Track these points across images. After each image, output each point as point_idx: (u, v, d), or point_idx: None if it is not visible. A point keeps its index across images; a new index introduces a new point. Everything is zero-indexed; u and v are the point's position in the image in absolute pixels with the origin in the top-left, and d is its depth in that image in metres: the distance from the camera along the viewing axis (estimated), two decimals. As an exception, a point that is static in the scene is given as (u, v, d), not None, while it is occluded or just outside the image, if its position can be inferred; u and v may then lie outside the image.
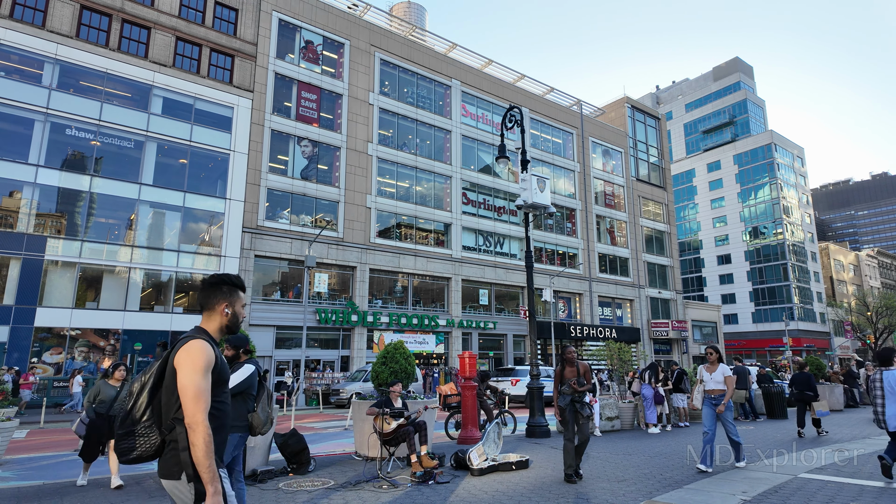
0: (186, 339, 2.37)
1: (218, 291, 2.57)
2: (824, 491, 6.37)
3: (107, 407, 7.08)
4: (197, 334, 2.42)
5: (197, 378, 2.27)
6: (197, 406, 2.23)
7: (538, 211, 12.72)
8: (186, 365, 2.28)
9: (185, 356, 2.30)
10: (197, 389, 2.25)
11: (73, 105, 22.87)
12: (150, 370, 2.35)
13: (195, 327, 2.50)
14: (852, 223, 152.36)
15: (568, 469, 7.00)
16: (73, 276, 22.21)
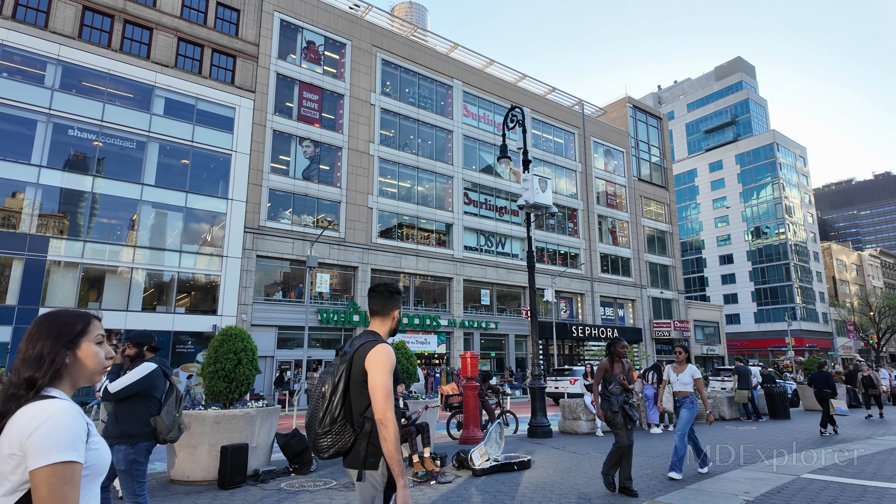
0: (371, 343, 2.59)
1: (392, 299, 2.83)
2: (827, 491, 6.36)
3: None
4: (378, 338, 2.66)
5: (386, 379, 2.49)
6: (387, 404, 2.45)
7: (540, 211, 12.71)
8: (377, 367, 2.51)
9: (375, 359, 2.52)
10: (386, 389, 2.47)
11: (76, 106, 22.92)
12: (337, 373, 2.57)
13: (369, 331, 2.76)
14: (855, 223, 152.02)
15: (626, 480, 6.23)
16: (76, 276, 22.26)
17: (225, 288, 25.33)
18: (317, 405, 2.57)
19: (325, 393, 2.55)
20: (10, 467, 1.34)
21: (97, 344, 1.59)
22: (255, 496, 6.37)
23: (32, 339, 1.52)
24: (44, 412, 1.38)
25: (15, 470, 1.34)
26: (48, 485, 1.30)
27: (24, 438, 1.34)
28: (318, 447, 2.52)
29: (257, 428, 7.43)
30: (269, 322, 26.49)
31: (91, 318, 1.63)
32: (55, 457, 1.33)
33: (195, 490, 6.69)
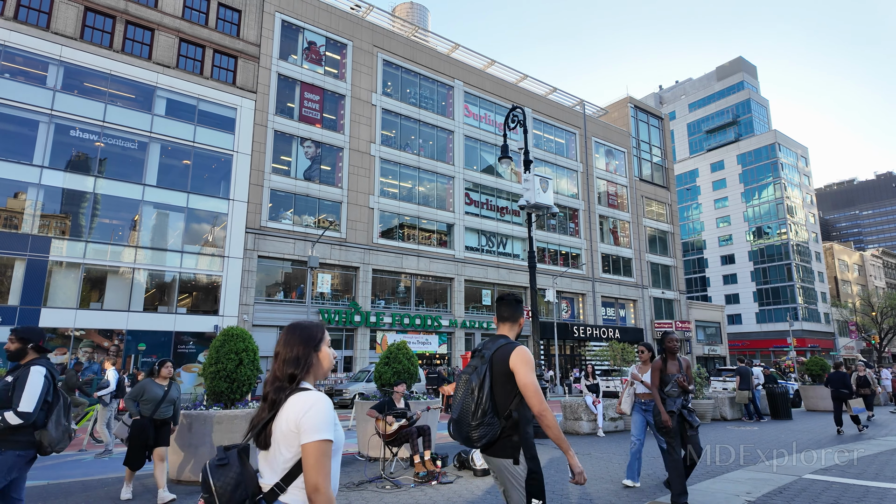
0: (511, 345, 2.95)
1: (519, 307, 3.22)
2: (829, 492, 6.35)
3: (152, 408, 6.20)
4: (515, 341, 3.05)
5: (533, 377, 2.85)
6: (540, 398, 2.81)
7: (541, 211, 12.70)
8: (523, 367, 2.86)
9: (520, 360, 2.87)
10: (535, 385, 2.83)
11: (77, 106, 22.96)
12: (481, 372, 2.90)
13: (502, 335, 3.13)
14: (857, 223, 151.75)
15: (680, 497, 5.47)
16: (78, 276, 22.30)
17: (226, 288, 25.36)
18: (467, 401, 2.89)
19: (474, 390, 2.87)
20: (289, 441, 1.83)
21: (328, 347, 2.07)
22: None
23: (289, 344, 1.99)
24: (310, 400, 1.87)
25: (291, 442, 1.83)
26: (315, 456, 1.79)
27: (299, 419, 1.82)
28: (470, 437, 2.84)
29: (259, 428, 7.43)
30: (270, 322, 26.51)
31: (325, 327, 2.11)
32: (320, 435, 1.81)
33: (197, 490, 6.69)
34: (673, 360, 5.89)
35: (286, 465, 1.85)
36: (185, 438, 7.02)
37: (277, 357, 1.99)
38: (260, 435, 1.91)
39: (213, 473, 1.85)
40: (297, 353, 1.96)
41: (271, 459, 1.89)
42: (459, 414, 2.91)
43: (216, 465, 1.88)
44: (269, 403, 1.93)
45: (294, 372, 1.94)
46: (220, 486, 1.82)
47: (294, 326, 2.05)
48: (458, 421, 2.92)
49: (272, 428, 1.89)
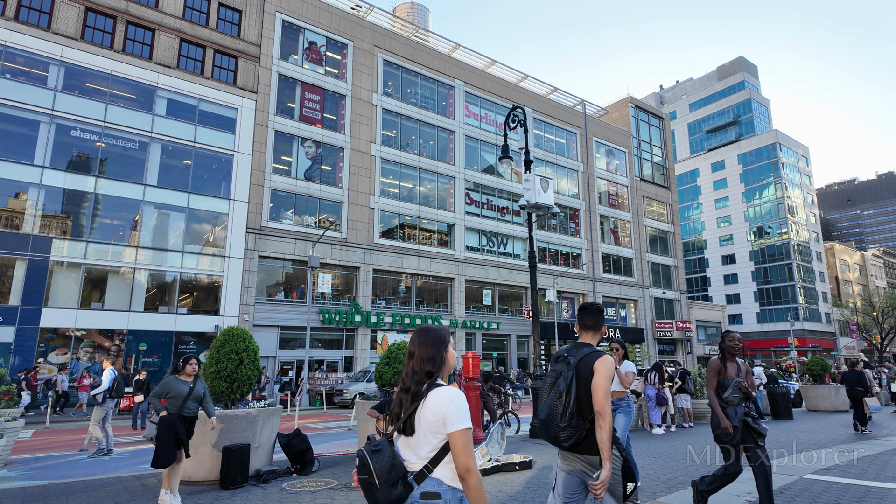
0: (597, 354, 3.26)
1: (602, 316, 3.58)
2: (830, 492, 6.34)
3: (178, 405, 6.10)
4: (598, 350, 3.33)
5: (607, 382, 3.14)
6: (606, 401, 3.07)
7: (541, 211, 12.70)
8: (601, 372, 3.15)
9: (602, 366, 3.16)
10: (607, 391, 3.11)
11: (78, 107, 22.98)
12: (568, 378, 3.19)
13: (585, 343, 3.46)
14: (858, 223, 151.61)
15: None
16: (79, 276, 22.32)
17: (227, 288, 25.37)
18: (555, 404, 3.18)
19: (562, 394, 3.16)
20: (435, 428, 2.14)
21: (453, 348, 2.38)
22: (256, 496, 6.38)
23: (424, 346, 2.30)
24: (451, 395, 2.17)
25: (438, 430, 2.14)
26: (462, 442, 2.09)
27: (444, 411, 2.12)
28: (558, 438, 3.14)
29: (259, 428, 7.44)
30: (270, 322, 26.52)
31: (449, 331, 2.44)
32: (463, 424, 2.11)
33: (197, 490, 6.70)
34: (732, 361, 5.26)
35: (432, 449, 2.16)
36: (185, 438, 7.02)
37: (413, 356, 2.31)
38: (406, 423, 2.21)
39: (371, 458, 2.14)
40: (432, 354, 2.29)
41: (415, 444, 2.19)
42: (547, 415, 3.20)
43: (372, 450, 2.16)
44: (411, 395, 2.24)
45: (431, 369, 2.26)
46: (379, 468, 2.11)
47: (426, 330, 2.37)
48: (546, 421, 3.21)
49: (416, 417, 2.19)
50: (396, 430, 2.25)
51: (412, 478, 2.15)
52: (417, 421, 2.18)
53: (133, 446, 12.25)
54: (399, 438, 2.26)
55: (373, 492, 2.13)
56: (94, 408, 10.71)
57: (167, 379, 6.24)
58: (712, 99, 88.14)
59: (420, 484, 2.14)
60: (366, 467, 2.13)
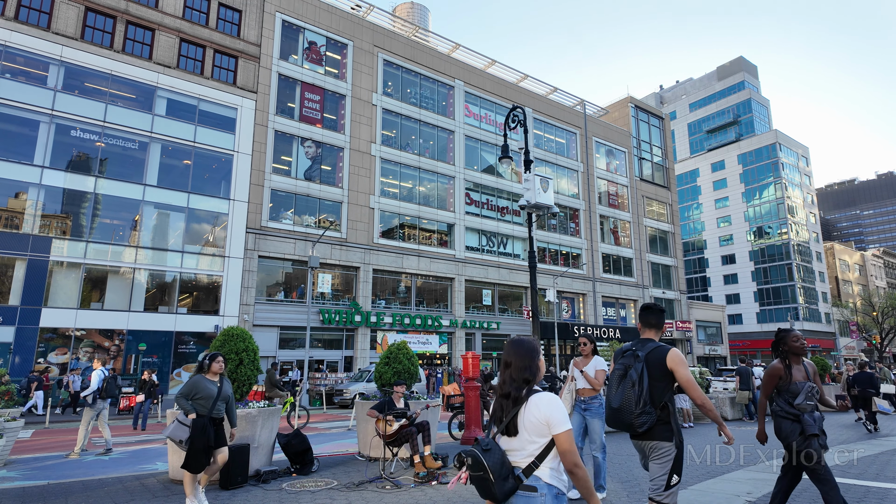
0: (665, 348, 3.58)
1: (664, 316, 3.87)
2: (829, 492, 6.33)
3: (208, 407, 5.75)
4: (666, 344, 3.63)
5: (690, 374, 3.48)
6: (700, 391, 3.48)
7: (541, 211, 12.69)
8: (682, 365, 3.50)
9: (678, 361, 3.50)
10: (694, 380, 3.48)
11: (78, 106, 22.98)
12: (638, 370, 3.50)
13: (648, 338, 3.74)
14: (857, 223, 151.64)
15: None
16: (78, 276, 22.31)
17: (227, 288, 25.37)
18: (628, 393, 3.48)
19: (634, 384, 3.46)
20: (540, 431, 2.40)
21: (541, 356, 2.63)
22: (256, 496, 6.37)
23: (520, 356, 2.55)
24: (549, 400, 2.43)
25: (542, 432, 2.39)
26: (567, 442, 2.37)
27: (547, 415, 2.38)
28: (633, 424, 3.44)
29: (259, 428, 7.44)
30: (270, 322, 26.52)
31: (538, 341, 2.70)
32: (566, 426, 2.38)
33: (197, 490, 6.69)
34: (798, 364, 4.58)
35: (538, 448, 2.42)
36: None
37: (510, 365, 2.56)
38: (509, 425, 2.47)
39: (485, 456, 2.37)
40: (528, 363, 2.54)
41: (517, 443, 2.46)
42: (621, 404, 3.49)
43: (483, 450, 2.40)
44: (511, 401, 2.50)
45: (528, 377, 2.52)
46: (492, 465, 2.36)
47: (520, 342, 2.62)
48: (620, 409, 3.51)
49: (518, 420, 2.45)
50: (500, 431, 2.52)
51: (521, 472, 2.42)
52: (521, 423, 2.44)
53: (133, 446, 12.24)
54: (501, 438, 2.52)
55: (487, 486, 2.38)
56: (84, 409, 10.68)
57: (195, 378, 5.90)
58: (712, 99, 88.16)
59: (528, 477, 2.42)
60: (480, 465, 2.36)
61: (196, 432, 5.61)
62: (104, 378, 10.72)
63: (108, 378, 10.82)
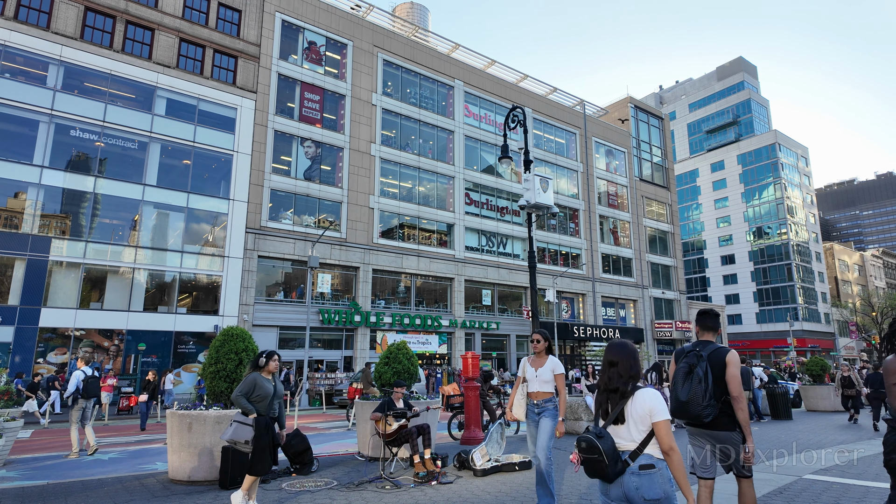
0: (725, 350, 4.12)
1: (718, 319, 4.31)
2: (830, 492, 6.34)
3: (266, 407, 5.53)
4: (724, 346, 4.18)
5: (738, 372, 4.05)
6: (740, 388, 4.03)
7: (541, 211, 12.68)
8: (735, 366, 4.04)
9: (734, 361, 4.03)
10: (738, 379, 4.04)
11: (78, 106, 22.96)
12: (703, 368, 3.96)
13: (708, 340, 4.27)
14: (857, 223, 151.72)
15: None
16: (78, 276, 22.30)
17: (226, 288, 25.36)
18: (696, 388, 3.92)
19: (701, 380, 3.91)
20: (644, 419, 2.80)
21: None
22: (256, 496, 6.36)
23: (626, 357, 2.96)
24: (653, 394, 2.85)
25: (646, 420, 2.80)
26: (665, 428, 2.77)
27: (651, 406, 2.80)
28: (700, 415, 3.89)
29: (258, 428, 7.42)
30: (270, 322, 26.51)
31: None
32: (665, 415, 2.78)
33: (196, 490, 6.69)
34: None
35: (641, 434, 2.81)
36: (184, 438, 7.01)
37: (616, 364, 2.96)
38: (618, 416, 2.87)
39: (599, 442, 2.77)
40: (632, 363, 2.95)
41: (624, 431, 2.86)
42: (689, 398, 3.94)
43: (597, 436, 2.79)
44: (619, 394, 2.91)
45: (633, 374, 2.93)
46: (606, 449, 2.75)
47: (624, 344, 3.03)
48: (688, 402, 3.94)
49: (626, 411, 2.85)
50: (609, 421, 2.90)
51: (627, 456, 2.80)
52: (628, 413, 2.85)
53: (133, 446, 12.24)
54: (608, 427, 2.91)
55: (601, 468, 2.77)
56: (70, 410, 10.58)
57: (252, 376, 5.59)
58: (712, 99, 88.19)
59: (635, 460, 2.79)
60: (595, 449, 2.76)
61: (261, 432, 5.37)
62: (84, 378, 10.56)
63: (89, 378, 10.62)
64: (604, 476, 2.79)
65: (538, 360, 5.57)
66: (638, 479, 2.75)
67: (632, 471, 2.77)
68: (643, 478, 2.75)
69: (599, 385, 3.02)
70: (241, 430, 5.36)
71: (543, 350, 5.60)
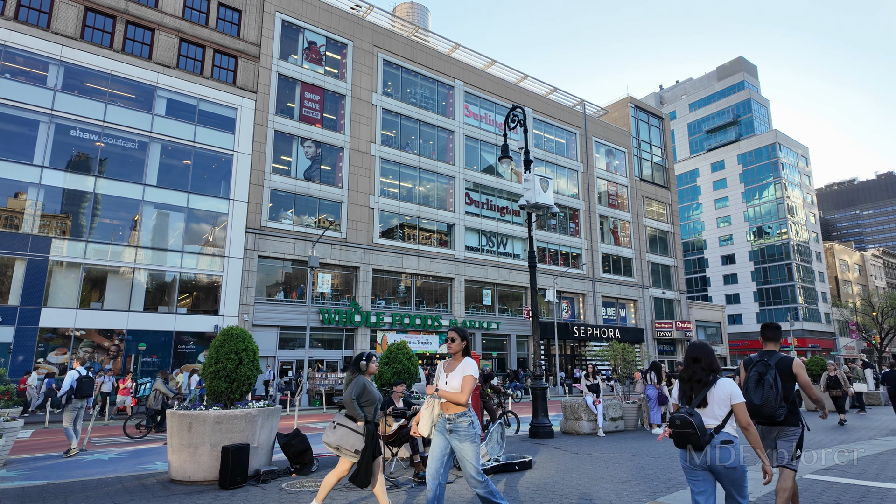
0: (789, 358, 4.76)
1: (781, 331, 4.99)
2: (829, 492, 6.33)
3: (373, 412, 5.20)
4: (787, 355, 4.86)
5: (808, 377, 4.69)
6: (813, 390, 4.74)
7: (541, 211, 12.70)
8: (803, 370, 4.75)
9: (801, 368, 4.73)
10: (810, 383, 4.78)
11: (78, 106, 22.97)
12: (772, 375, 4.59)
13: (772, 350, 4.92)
14: (857, 223, 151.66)
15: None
16: (78, 276, 22.30)
17: (226, 288, 25.36)
18: (769, 392, 4.56)
19: (772, 385, 4.56)
20: (724, 402, 3.64)
21: None
22: (256, 496, 6.36)
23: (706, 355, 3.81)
24: (731, 382, 3.68)
25: (726, 403, 3.63)
26: (742, 410, 3.64)
27: (730, 392, 3.63)
28: (774, 416, 4.55)
29: (258, 428, 7.43)
30: (270, 322, 26.51)
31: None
32: (742, 399, 3.65)
33: (196, 490, 6.69)
34: None
35: (723, 415, 3.64)
36: (184, 438, 7.02)
37: (700, 360, 3.80)
38: (701, 400, 3.72)
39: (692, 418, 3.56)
40: (712, 360, 3.80)
41: (709, 412, 3.68)
42: (763, 401, 4.57)
43: (689, 414, 3.58)
44: (703, 384, 3.74)
45: (715, 367, 3.77)
46: (698, 424, 3.54)
47: (704, 344, 3.88)
48: (763, 405, 4.59)
49: (708, 396, 3.69)
50: (694, 404, 3.71)
51: (711, 431, 3.60)
52: (710, 398, 3.69)
53: (132, 446, 12.24)
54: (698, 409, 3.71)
55: (695, 439, 3.54)
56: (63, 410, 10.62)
57: (362, 380, 5.19)
58: (712, 99, 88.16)
59: (717, 434, 3.60)
60: (688, 424, 3.55)
61: (369, 440, 4.99)
62: (78, 378, 10.56)
63: (83, 378, 10.62)
64: (696, 445, 3.57)
65: (452, 364, 4.56)
66: (720, 450, 3.57)
67: (714, 444, 3.57)
68: (724, 449, 3.57)
69: (683, 376, 3.86)
70: (349, 437, 5.00)
71: (460, 351, 4.56)
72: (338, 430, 5.04)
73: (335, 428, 5.07)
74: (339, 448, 5.01)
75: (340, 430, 5.02)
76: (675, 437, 3.60)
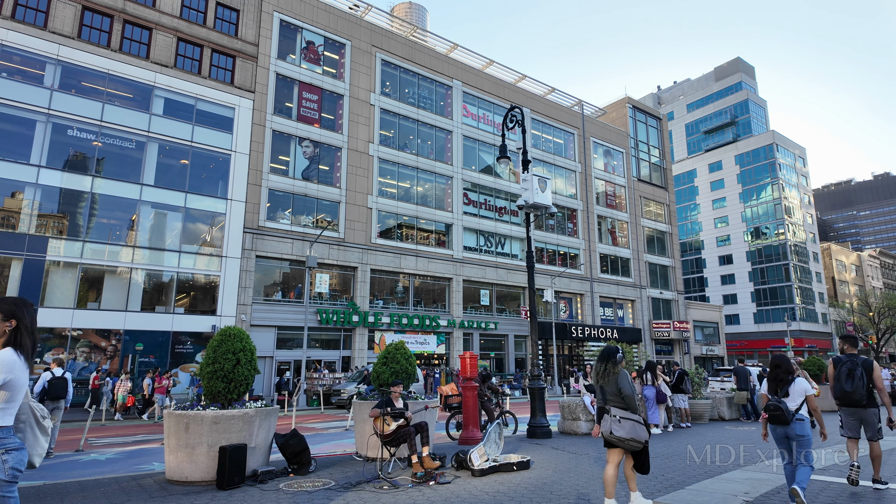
0: (870, 360, 6.34)
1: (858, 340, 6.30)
2: (827, 492, 6.34)
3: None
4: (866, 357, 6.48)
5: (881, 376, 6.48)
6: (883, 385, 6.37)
7: (539, 211, 12.69)
8: (878, 370, 6.39)
9: (877, 367, 6.32)
10: (882, 380, 6.41)
11: (75, 106, 22.90)
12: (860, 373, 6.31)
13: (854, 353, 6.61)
14: (854, 223, 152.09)
15: None
16: (75, 276, 22.24)
17: (224, 288, 25.31)
18: (858, 384, 6.25)
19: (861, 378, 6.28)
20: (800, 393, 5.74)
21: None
22: (253, 497, 6.34)
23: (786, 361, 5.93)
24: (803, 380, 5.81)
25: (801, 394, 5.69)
26: (813, 398, 5.70)
27: (805, 387, 5.68)
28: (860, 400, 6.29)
29: (256, 428, 7.41)
30: (268, 322, 26.47)
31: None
32: (813, 391, 5.82)
33: (193, 490, 6.67)
34: None
35: (799, 402, 5.55)
36: (181, 439, 6.99)
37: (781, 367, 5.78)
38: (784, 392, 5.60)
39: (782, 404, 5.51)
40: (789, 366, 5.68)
41: (790, 400, 5.54)
42: (853, 389, 6.26)
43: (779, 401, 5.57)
44: (784, 383, 5.71)
45: (791, 370, 5.72)
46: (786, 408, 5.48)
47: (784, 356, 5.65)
48: (853, 392, 6.27)
49: (790, 389, 5.61)
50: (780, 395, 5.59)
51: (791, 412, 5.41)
52: (791, 390, 5.57)
53: (130, 447, 12.21)
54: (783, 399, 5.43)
55: (784, 418, 5.47)
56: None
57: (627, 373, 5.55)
58: (710, 100, 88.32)
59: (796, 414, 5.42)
60: (780, 409, 5.47)
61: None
62: (49, 379, 10.44)
63: (54, 379, 10.40)
64: (784, 422, 5.48)
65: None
66: (796, 424, 5.48)
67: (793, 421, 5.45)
68: (798, 424, 5.49)
69: (770, 377, 5.82)
70: (638, 430, 5.28)
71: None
72: (623, 423, 5.28)
73: (620, 422, 5.29)
74: (631, 440, 5.24)
75: (627, 423, 5.27)
76: (771, 418, 5.53)
